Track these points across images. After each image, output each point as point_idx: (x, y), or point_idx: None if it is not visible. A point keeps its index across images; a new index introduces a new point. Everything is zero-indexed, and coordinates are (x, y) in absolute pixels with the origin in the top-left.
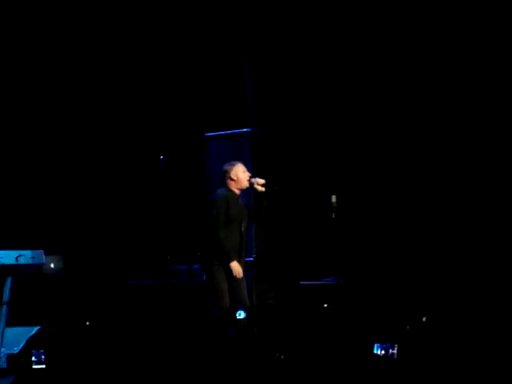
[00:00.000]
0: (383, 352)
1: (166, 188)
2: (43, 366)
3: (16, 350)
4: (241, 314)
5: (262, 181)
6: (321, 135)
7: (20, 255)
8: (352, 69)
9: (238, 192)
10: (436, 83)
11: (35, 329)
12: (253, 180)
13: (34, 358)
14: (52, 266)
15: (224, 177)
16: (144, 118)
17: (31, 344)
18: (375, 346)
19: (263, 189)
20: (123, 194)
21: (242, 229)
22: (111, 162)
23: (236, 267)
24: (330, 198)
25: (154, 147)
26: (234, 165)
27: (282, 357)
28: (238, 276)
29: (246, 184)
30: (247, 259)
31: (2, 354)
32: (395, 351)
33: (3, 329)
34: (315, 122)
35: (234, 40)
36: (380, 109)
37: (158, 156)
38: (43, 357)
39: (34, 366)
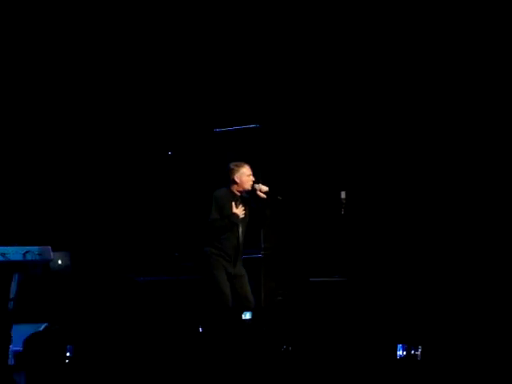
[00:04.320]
0: (405, 353)
1: (174, 184)
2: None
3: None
4: (246, 315)
5: (265, 188)
6: (330, 131)
7: (27, 251)
8: (362, 65)
9: (238, 194)
10: (441, 80)
11: (42, 326)
12: (256, 186)
13: (68, 354)
14: (59, 262)
15: (228, 176)
16: (152, 114)
17: (36, 341)
18: (398, 346)
19: (265, 196)
20: (130, 191)
21: (240, 231)
22: (119, 158)
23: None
24: (340, 194)
25: (162, 143)
26: (239, 166)
27: (290, 348)
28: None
29: (247, 188)
30: (256, 256)
31: (10, 351)
32: (418, 352)
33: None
34: (324, 118)
35: (244, 35)
36: (389, 105)
37: (166, 152)
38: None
39: (67, 361)
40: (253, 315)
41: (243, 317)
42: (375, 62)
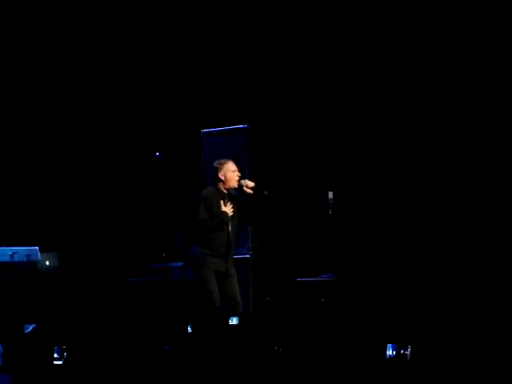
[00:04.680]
0: (394, 353)
1: (162, 185)
2: (61, 362)
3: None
4: (233, 320)
5: (251, 183)
6: (318, 131)
7: (15, 252)
8: (347, 65)
9: (225, 191)
10: (433, 81)
11: (31, 326)
12: (242, 182)
13: (55, 355)
14: (47, 263)
15: (213, 174)
16: (140, 114)
17: (26, 342)
18: (387, 346)
19: (251, 191)
20: (118, 191)
21: (230, 228)
22: (107, 158)
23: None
24: (327, 195)
25: (149, 144)
26: (223, 163)
27: (280, 349)
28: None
29: (234, 184)
30: (244, 256)
31: None
32: (408, 352)
33: None
34: (312, 118)
35: (231, 36)
36: (376, 104)
37: (154, 152)
38: (65, 353)
39: (55, 362)
40: (240, 320)
41: (230, 322)
42: (362, 63)
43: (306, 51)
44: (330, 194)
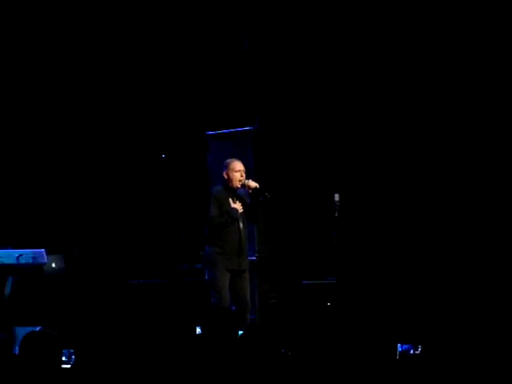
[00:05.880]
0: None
1: (168, 187)
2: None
3: (17, 350)
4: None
5: (254, 184)
6: (324, 133)
7: (21, 255)
8: (354, 67)
9: (234, 189)
10: (437, 82)
11: (36, 329)
12: (245, 182)
13: (63, 358)
14: (53, 265)
15: (221, 172)
16: (145, 116)
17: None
18: (398, 346)
19: (252, 192)
20: (125, 193)
21: (241, 226)
22: (112, 160)
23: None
24: (333, 197)
25: (155, 146)
26: (229, 163)
27: (289, 353)
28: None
29: (236, 184)
30: (250, 258)
31: None
32: (418, 352)
33: None
34: (318, 120)
35: (237, 37)
36: (383, 107)
37: (160, 155)
38: (73, 356)
39: (63, 366)
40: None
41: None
42: (369, 65)
43: (313, 53)
44: (337, 196)
